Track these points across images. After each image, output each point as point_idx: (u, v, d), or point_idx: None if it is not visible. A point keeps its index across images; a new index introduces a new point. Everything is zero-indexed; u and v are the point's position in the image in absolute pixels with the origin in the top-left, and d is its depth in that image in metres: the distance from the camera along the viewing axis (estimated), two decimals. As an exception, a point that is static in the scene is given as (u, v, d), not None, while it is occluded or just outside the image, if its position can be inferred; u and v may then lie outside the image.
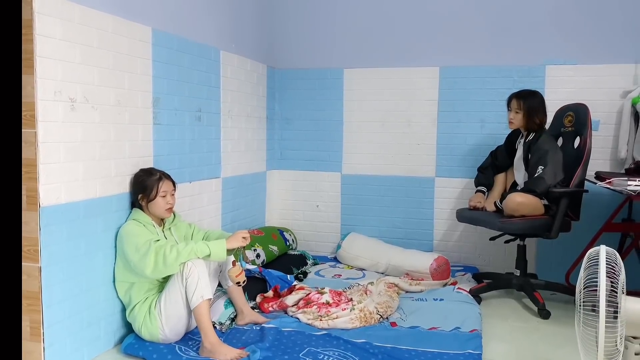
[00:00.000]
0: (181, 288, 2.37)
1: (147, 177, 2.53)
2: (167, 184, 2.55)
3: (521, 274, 3.24)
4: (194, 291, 2.33)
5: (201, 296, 2.33)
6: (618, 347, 1.88)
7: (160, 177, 2.54)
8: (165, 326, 2.40)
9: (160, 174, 2.57)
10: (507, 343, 2.66)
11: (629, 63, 3.50)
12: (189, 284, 2.34)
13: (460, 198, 3.86)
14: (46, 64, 2.08)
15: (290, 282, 3.23)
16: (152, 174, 2.55)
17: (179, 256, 2.32)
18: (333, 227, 4.20)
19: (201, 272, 2.37)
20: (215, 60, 3.36)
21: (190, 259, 2.35)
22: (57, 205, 2.15)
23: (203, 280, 2.36)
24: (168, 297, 2.40)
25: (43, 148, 2.08)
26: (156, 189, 2.50)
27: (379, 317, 2.78)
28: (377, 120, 4.04)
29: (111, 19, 2.43)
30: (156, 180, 2.51)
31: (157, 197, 2.50)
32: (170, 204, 2.55)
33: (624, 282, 1.93)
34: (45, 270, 2.11)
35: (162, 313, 2.39)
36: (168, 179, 2.57)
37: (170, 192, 2.56)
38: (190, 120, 3.11)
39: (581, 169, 3.03)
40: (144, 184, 2.51)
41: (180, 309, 2.40)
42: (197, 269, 2.36)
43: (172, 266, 2.33)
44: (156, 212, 2.52)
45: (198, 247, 2.38)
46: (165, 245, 2.34)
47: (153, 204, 2.50)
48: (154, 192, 2.49)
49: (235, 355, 2.30)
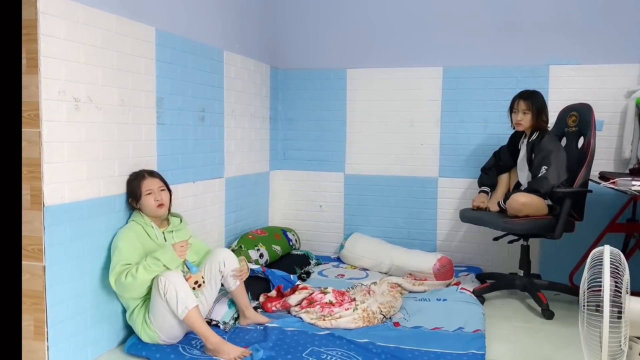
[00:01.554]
0: (163, 303, 2.33)
1: (133, 179, 2.54)
2: (150, 182, 2.53)
3: (525, 274, 3.23)
4: (176, 305, 2.30)
5: (185, 307, 2.30)
6: (622, 347, 1.87)
7: (142, 176, 2.54)
8: (160, 333, 2.40)
9: (144, 172, 2.57)
10: (511, 343, 2.66)
11: (633, 63, 3.49)
12: (169, 299, 2.31)
13: (463, 198, 3.86)
14: (50, 63, 2.08)
15: (293, 281, 3.24)
16: (137, 175, 2.55)
17: (134, 279, 2.30)
18: (336, 227, 4.20)
19: (177, 284, 2.32)
20: (219, 61, 3.37)
21: (146, 278, 2.32)
22: (61, 204, 2.16)
23: (182, 291, 2.32)
24: (153, 310, 2.37)
25: (47, 147, 2.08)
26: (139, 188, 2.50)
27: (382, 317, 2.78)
28: (380, 120, 4.04)
29: (115, 19, 2.44)
30: (139, 180, 2.52)
31: (142, 196, 2.50)
32: (159, 200, 2.53)
33: (628, 282, 1.92)
34: (50, 269, 2.11)
35: (153, 324, 2.38)
36: (152, 176, 2.57)
37: (156, 189, 2.53)
38: (193, 120, 3.11)
39: (585, 169, 3.03)
40: (131, 187, 2.53)
41: (169, 319, 2.36)
42: (172, 282, 2.31)
43: (129, 287, 2.31)
44: (147, 211, 2.52)
45: (148, 262, 2.33)
46: (126, 270, 2.32)
47: (141, 204, 2.51)
48: (137, 192, 2.50)
49: (238, 354, 2.30)
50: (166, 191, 2.60)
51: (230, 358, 2.29)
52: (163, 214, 2.58)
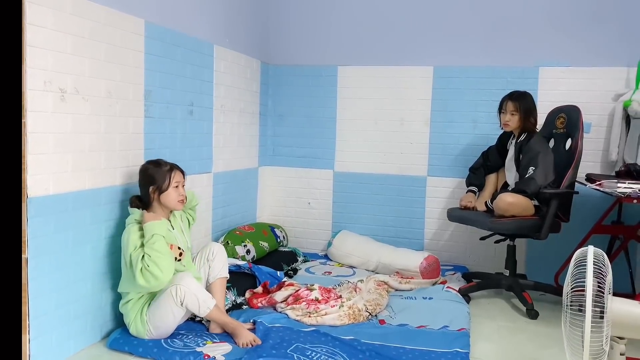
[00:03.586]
0: (175, 308, 2.33)
1: (157, 168, 2.47)
2: (178, 175, 2.51)
3: (510, 274, 3.25)
4: (198, 308, 2.35)
5: (208, 307, 2.37)
6: (604, 347, 1.88)
7: (171, 168, 2.49)
8: (154, 331, 2.39)
9: (170, 165, 2.52)
10: (495, 342, 2.67)
11: (622, 66, 3.52)
12: (188, 304, 2.32)
13: (451, 197, 3.87)
14: (36, 53, 2.05)
15: (279, 278, 3.23)
16: (161, 165, 2.49)
17: (155, 264, 2.27)
18: (324, 224, 4.19)
19: (195, 290, 2.35)
20: (209, 55, 3.35)
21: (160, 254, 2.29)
22: (45, 196, 2.13)
23: (200, 293, 2.36)
24: (158, 312, 2.36)
25: (32, 138, 2.05)
26: (169, 179, 2.44)
27: (367, 315, 2.78)
28: (371, 118, 4.04)
29: (104, 10, 2.42)
30: (167, 171, 2.46)
31: (169, 187, 2.45)
32: (183, 196, 2.51)
33: (610, 283, 1.93)
34: (32, 261, 2.09)
35: (151, 323, 2.38)
36: (179, 170, 2.53)
37: (182, 183, 2.52)
38: (182, 114, 3.09)
39: (572, 170, 3.05)
40: (154, 176, 2.45)
41: (169, 324, 2.38)
42: (190, 289, 2.32)
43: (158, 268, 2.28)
44: (169, 204, 2.46)
45: (148, 249, 2.30)
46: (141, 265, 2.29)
47: (165, 195, 2.44)
48: (166, 182, 2.43)
49: (249, 340, 2.38)
50: (184, 187, 2.57)
51: (239, 343, 2.37)
52: (181, 209, 2.56)
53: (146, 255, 2.29)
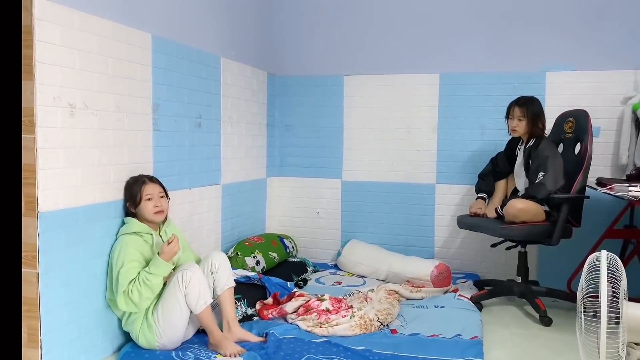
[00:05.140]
0: (180, 297, 2.39)
1: (133, 183, 2.54)
2: (151, 187, 2.54)
3: (522, 280, 3.22)
4: (197, 299, 2.40)
5: (204, 302, 2.42)
6: (620, 353, 1.86)
7: (143, 181, 2.54)
8: (163, 334, 2.40)
9: (145, 178, 2.57)
10: (508, 350, 2.64)
11: (629, 69, 3.50)
12: (189, 293, 2.39)
13: (461, 205, 3.85)
14: (46, 69, 2.08)
15: (290, 289, 3.21)
16: (137, 180, 2.55)
17: (140, 295, 2.33)
18: (333, 234, 4.18)
19: (200, 279, 2.44)
20: (216, 67, 3.37)
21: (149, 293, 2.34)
22: (55, 210, 2.14)
23: (203, 286, 2.44)
24: (166, 305, 2.41)
25: (42, 153, 2.07)
26: (139, 193, 2.50)
27: (379, 325, 2.76)
28: (377, 126, 4.04)
29: (111, 25, 2.44)
30: (139, 185, 2.52)
31: (142, 201, 2.50)
32: (159, 207, 2.54)
33: (625, 288, 1.91)
34: (44, 276, 2.10)
35: (160, 321, 2.40)
36: (153, 182, 2.57)
37: (156, 194, 2.54)
38: (190, 126, 3.11)
39: (582, 175, 3.02)
40: (130, 191, 2.52)
41: (178, 317, 2.42)
42: (196, 277, 2.42)
43: (139, 302, 2.34)
44: (145, 215, 2.52)
45: (146, 277, 2.34)
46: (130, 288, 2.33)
47: (140, 208, 2.51)
48: (137, 196, 2.50)
49: (236, 351, 2.39)
50: (165, 198, 2.60)
51: (227, 354, 2.37)
52: (160, 220, 2.58)
53: (142, 279, 2.34)
